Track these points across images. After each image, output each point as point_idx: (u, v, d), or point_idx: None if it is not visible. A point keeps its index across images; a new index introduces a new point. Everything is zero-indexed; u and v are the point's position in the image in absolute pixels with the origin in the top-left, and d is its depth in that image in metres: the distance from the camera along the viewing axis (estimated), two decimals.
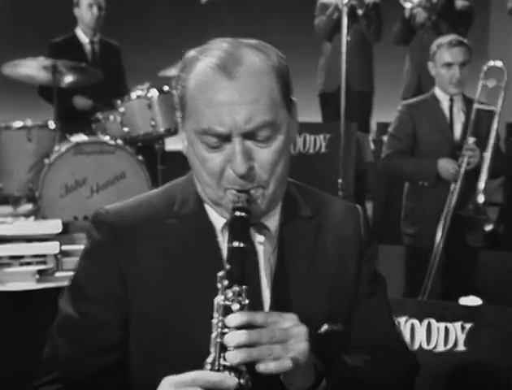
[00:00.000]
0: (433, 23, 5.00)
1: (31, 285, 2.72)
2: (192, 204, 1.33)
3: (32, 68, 4.73)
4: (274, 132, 1.23)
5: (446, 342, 2.26)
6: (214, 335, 1.10)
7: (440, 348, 2.25)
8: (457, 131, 3.63)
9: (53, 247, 2.98)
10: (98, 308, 1.29)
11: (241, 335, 1.07)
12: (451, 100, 3.64)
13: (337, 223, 1.40)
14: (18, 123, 4.65)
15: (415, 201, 3.72)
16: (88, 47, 5.18)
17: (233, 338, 1.07)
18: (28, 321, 2.57)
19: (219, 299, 1.12)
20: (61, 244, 3.03)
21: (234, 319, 1.09)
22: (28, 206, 4.88)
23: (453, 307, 2.35)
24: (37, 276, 2.77)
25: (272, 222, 1.33)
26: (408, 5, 4.97)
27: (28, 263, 2.88)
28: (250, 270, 1.20)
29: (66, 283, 1.39)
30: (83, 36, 5.17)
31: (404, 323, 2.27)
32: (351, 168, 4.62)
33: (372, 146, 5.25)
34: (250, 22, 6.19)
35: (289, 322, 1.13)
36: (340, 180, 4.26)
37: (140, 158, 4.51)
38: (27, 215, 4.69)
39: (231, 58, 1.21)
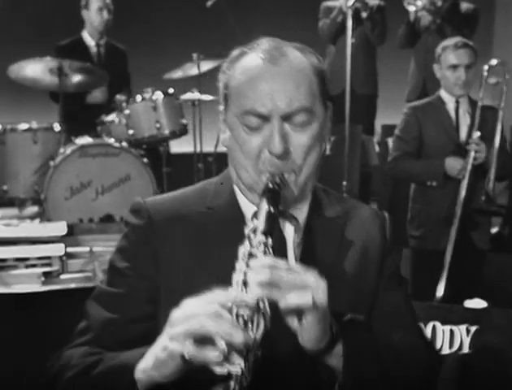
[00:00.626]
0: (438, 26, 5.00)
1: (36, 287, 2.72)
2: (225, 196, 1.42)
3: (38, 70, 4.74)
4: (310, 118, 1.31)
5: (451, 345, 2.25)
6: (237, 276, 1.13)
7: (445, 351, 2.25)
8: (463, 132, 3.62)
9: (58, 249, 2.99)
10: (130, 281, 1.36)
11: (265, 273, 1.10)
12: (457, 102, 3.64)
13: (363, 224, 1.46)
14: (23, 126, 4.66)
15: (421, 203, 3.71)
16: (94, 50, 5.19)
17: (257, 275, 1.10)
18: (33, 323, 2.58)
19: (245, 247, 1.17)
20: (66, 247, 3.04)
21: (258, 262, 1.13)
22: (34, 209, 4.89)
23: (458, 310, 2.35)
24: (42, 278, 2.77)
25: (301, 215, 1.40)
26: (412, 8, 4.97)
27: (34, 265, 2.88)
28: (279, 254, 1.24)
29: (71, 285, 1.41)
30: (89, 39, 5.18)
31: None
32: (356, 171, 4.62)
33: (377, 149, 5.25)
34: (255, 24, 6.19)
35: (310, 273, 1.16)
36: (344, 183, 4.26)
37: (145, 160, 4.52)
38: (32, 217, 4.69)
39: (276, 50, 1.32)
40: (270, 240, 1.18)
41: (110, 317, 1.35)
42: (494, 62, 3.63)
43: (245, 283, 1.12)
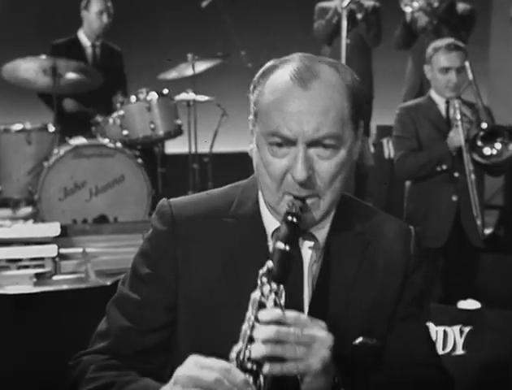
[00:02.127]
0: (434, 27, 5.00)
1: (28, 288, 2.71)
2: (249, 206, 1.40)
3: (32, 70, 4.73)
4: (338, 145, 1.28)
5: (445, 346, 2.24)
6: (245, 326, 1.15)
7: (439, 351, 2.24)
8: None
9: (51, 250, 2.98)
10: (149, 289, 1.38)
11: (270, 331, 1.12)
12: (447, 102, 3.64)
13: (387, 241, 1.42)
14: (17, 126, 4.66)
15: (416, 202, 3.72)
16: (89, 50, 5.17)
17: (262, 331, 1.12)
18: (24, 324, 2.56)
19: (255, 294, 1.17)
20: (59, 248, 3.03)
21: (266, 315, 1.14)
22: (28, 209, 4.88)
23: (452, 311, 2.34)
24: (35, 279, 2.76)
25: (321, 233, 1.38)
26: (408, 9, 4.97)
27: (26, 266, 2.87)
28: (293, 275, 1.25)
29: (64, 286, 1.41)
30: (85, 40, 5.16)
31: None
32: (351, 171, 4.60)
33: (372, 150, 5.25)
34: (250, 24, 6.19)
35: (318, 327, 1.17)
36: None
37: (139, 161, 4.51)
38: (26, 218, 4.69)
39: (308, 70, 1.28)
40: (281, 288, 1.16)
41: (128, 326, 1.38)
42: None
43: (250, 338, 1.13)
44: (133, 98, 4.68)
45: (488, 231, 4.44)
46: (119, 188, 4.43)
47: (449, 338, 2.24)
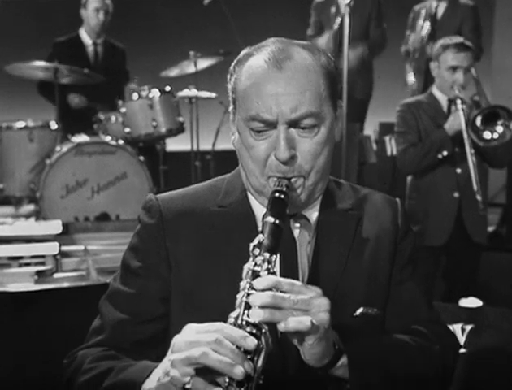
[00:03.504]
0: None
1: (29, 286, 2.71)
2: (236, 194, 1.42)
3: (34, 71, 4.74)
4: (318, 123, 1.30)
5: None
6: (240, 295, 1.15)
7: None
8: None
9: (52, 248, 2.97)
10: (142, 280, 1.38)
11: (266, 296, 1.12)
12: (449, 100, 3.63)
13: (376, 214, 1.45)
14: (20, 124, 4.66)
15: (418, 199, 3.71)
16: (90, 49, 5.18)
17: (258, 298, 1.12)
18: (25, 322, 2.56)
19: (248, 265, 1.18)
20: (61, 245, 3.03)
21: (261, 282, 1.14)
22: (30, 207, 4.88)
23: (453, 309, 2.34)
24: (36, 277, 2.76)
25: (312, 213, 1.40)
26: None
27: (27, 264, 2.87)
28: (288, 258, 1.30)
29: (65, 284, 1.41)
30: (86, 38, 5.16)
31: None
32: (353, 168, 4.60)
33: (375, 147, 5.24)
34: (252, 22, 6.18)
35: (313, 292, 1.17)
36: (342, 181, 4.24)
37: (141, 158, 4.51)
38: (28, 216, 4.69)
39: (282, 53, 1.30)
40: (274, 257, 1.18)
41: (123, 318, 1.38)
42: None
43: (247, 305, 1.13)
44: (135, 96, 4.68)
45: (490, 228, 4.43)
46: (120, 185, 4.43)
47: None
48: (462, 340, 2.22)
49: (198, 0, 5.40)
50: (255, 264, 1.17)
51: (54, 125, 4.66)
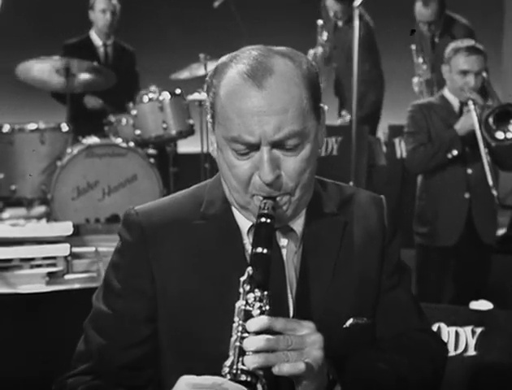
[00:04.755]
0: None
1: (40, 287, 2.72)
2: (218, 205, 1.36)
3: (46, 71, 4.76)
4: (302, 141, 1.25)
5: (457, 346, 2.24)
6: (233, 338, 1.13)
7: (451, 352, 2.24)
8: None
9: (63, 249, 2.99)
10: (127, 302, 1.34)
11: (260, 341, 1.11)
12: (461, 103, 3.62)
13: (362, 217, 1.42)
14: (31, 126, 4.69)
15: (427, 199, 3.71)
16: (101, 50, 5.21)
17: (252, 343, 1.11)
18: (37, 323, 2.58)
19: (240, 303, 1.15)
20: (71, 247, 3.04)
21: (254, 324, 1.12)
22: (41, 209, 4.91)
23: (464, 311, 2.34)
24: (47, 278, 2.77)
25: (298, 224, 1.36)
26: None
27: (39, 265, 2.88)
28: (275, 271, 1.24)
29: (76, 285, 1.41)
30: (96, 39, 5.20)
31: None
32: (363, 171, 4.60)
33: (384, 149, 5.23)
34: (262, 24, 6.19)
35: (307, 329, 1.16)
36: (351, 183, 4.25)
37: (151, 160, 4.53)
38: (39, 218, 4.71)
39: (261, 66, 1.23)
40: (266, 293, 1.15)
41: (107, 343, 1.33)
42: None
43: (241, 350, 1.11)
44: (146, 98, 4.70)
45: (501, 231, 4.41)
46: (131, 187, 4.45)
47: (460, 339, 2.23)
48: (472, 342, 2.21)
49: (208, 2, 5.42)
50: (247, 303, 1.14)
51: (65, 127, 4.68)
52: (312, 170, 1.29)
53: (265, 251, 1.18)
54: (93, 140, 4.52)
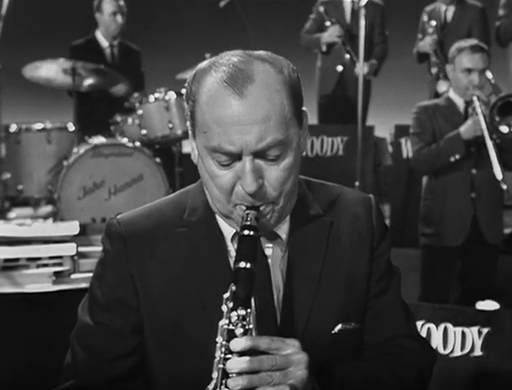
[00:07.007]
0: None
1: (47, 287, 2.73)
2: (201, 212, 1.34)
3: (52, 71, 4.78)
4: (284, 149, 1.22)
5: (463, 347, 2.24)
6: (216, 359, 1.12)
7: (457, 353, 2.24)
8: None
9: (69, 249, 2.99)
10: (111, 315, 1.32)
11: (243, 363, 1.10)
12: (466, 102, 3.62)
13: (349, 217, 1.38)
14: (38, 126, 4.71)
15: (432, 200, 3.70)
16: (107, 51, 5.21)
17: (235, 365, 1.10)
18: (43, 322, 2.59)
19: (223, 322, 1.13)
20: (78, 246, 3.05)
21: (237, 344, 1.10)
22: (48, 208, 4.92)
23: (470, 312, 2.33)
24: (53, 278, 2.78)
25: (283, 229, 1.34)
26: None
27: (45, 265, 2.89)
28: (261, 277, 1.22)
29: (82, 285, 1.42)
30: (103, 40, 5.20)
31: (420, 328, 2.25)
32: (368, 171, 4.60)
33: (390, 149, 5.23)
34: (268, 24, 6.20)
35: (291, 348, 1.15)
36: (357, 183, 4.25)
37: (157, 160, 4.53)
38: (46, 217, 4.73)
39: (241, 74, 1.20)
40: (249, 311, 1.13)
41: (94, 358, 1.32)
42: None
43: (224, 372, 1.10)
44: (152, 98, 4.71)
45: (507, 231, 4.40)
46: (137, 187, 4.46)
47: (467, 339, 2.23)
48: (478, 342, 2.21)
49: (214, 2, 5.43)
50: (230, 322, 1.12)
51: (71, 127, 4.70)
52: (295, 177, 1.27)
53: (248, 265, 1.15)
54: (99, 139, 4.53)
